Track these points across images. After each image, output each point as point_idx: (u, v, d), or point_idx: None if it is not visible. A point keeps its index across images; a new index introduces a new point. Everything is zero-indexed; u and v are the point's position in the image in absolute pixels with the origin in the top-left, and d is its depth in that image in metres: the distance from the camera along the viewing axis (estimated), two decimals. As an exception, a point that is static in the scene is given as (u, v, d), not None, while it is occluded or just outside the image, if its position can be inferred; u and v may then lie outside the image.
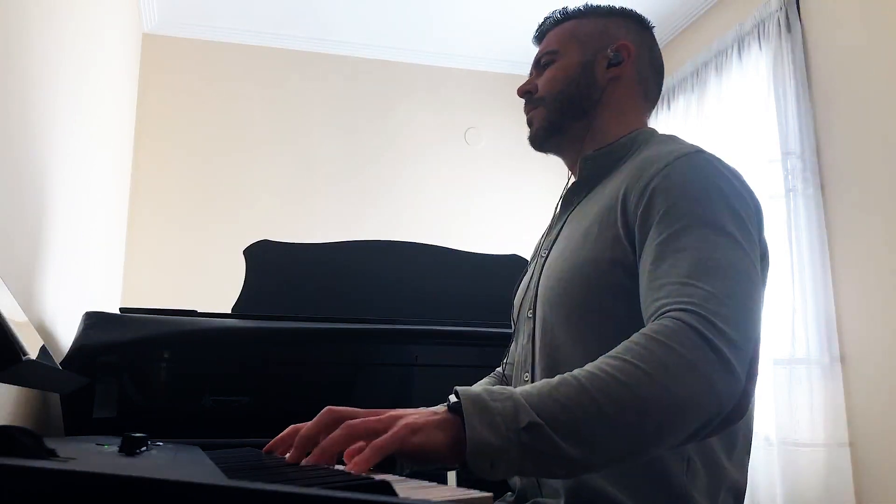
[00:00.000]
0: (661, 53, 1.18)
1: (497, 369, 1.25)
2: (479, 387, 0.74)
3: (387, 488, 0.48)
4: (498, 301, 1.69)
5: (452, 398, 0.73)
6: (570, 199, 1.11)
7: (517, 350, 1.09)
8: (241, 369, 1.61)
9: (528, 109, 1.15)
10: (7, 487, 0.33)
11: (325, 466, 0.69)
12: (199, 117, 3.58)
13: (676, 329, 0.76)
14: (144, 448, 0.76)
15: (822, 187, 2.60)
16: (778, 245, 2.61)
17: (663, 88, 3.47)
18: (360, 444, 0.69)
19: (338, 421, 0.73)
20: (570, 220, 1.06)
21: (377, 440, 0.67)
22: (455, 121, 3.91)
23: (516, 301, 1.14)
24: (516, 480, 1.04)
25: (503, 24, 3.60)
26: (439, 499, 0.50)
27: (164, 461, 0.68)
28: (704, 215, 0.86)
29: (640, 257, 0.89)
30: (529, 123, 1.15)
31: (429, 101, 3.92)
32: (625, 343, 0.77)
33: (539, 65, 1.15)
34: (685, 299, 0.79)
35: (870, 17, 2.46)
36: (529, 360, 1.03)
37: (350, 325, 1.69)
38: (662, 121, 3.51)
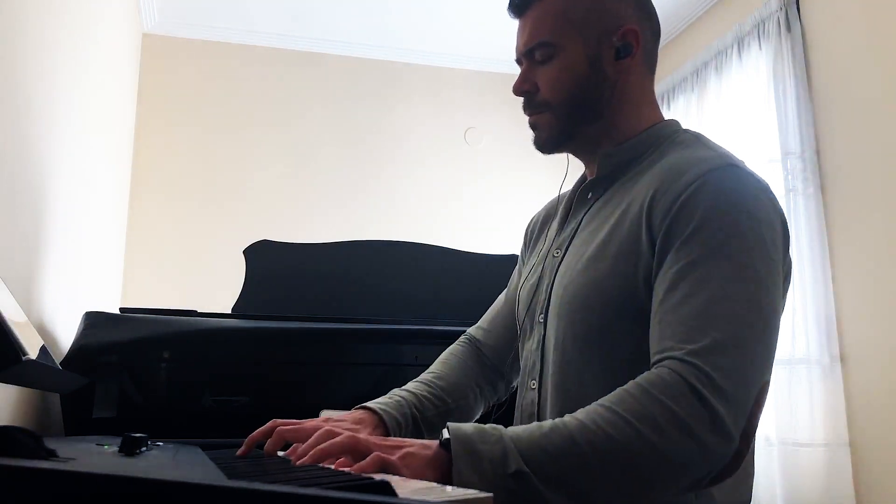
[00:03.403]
0: (655, 11, 1.04)
1: (469, 331, 1.21)
2: (472, 426, 0.74)
3: (387, 488, 0.48)
4: (498, 301, 1.68)
5: (445, 434, 0.73)
6: (585, 196, 1.03)
7: (524, 353, 1.06)
8: (241, 369, 1.61)
9: (531, 113, 1.03)
10: (7, 487, 0.33)
11: (324, 466, 0.69)
12: (199, 117, 3.58)
13: (672, 383, 0.74)
14: (144, 448, 0.76)
15: (822, 187, 2.60)
16: (778, 245, 2.61)
17: (663, 88, 3.51)
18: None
19: (335, 437, 0.75)
20: (587, 222, 0.99)
21: (384, 455, 0.70)
22: (455, 121, 3.91)
23: (524, 299, 1.07)
24: None
25: (503, 23, 3.58)
26: (439, 499, 0.50)
27: (164, 461, 0.68)
28: (729, 245, 0.81)
29: (656, 277, 0.85)
30: (534, 127, 1.03)
31: (429, 102, 3.91)
32: (619, 392, 0.76)
33: (531, 56, 1.03)
34: (688, 346, 0.76)
35: (870, 17, 2.46)
36: (538, 368, 0.99)
37: (350, 325, 1.69)
38: (662, 121, 3.50)
